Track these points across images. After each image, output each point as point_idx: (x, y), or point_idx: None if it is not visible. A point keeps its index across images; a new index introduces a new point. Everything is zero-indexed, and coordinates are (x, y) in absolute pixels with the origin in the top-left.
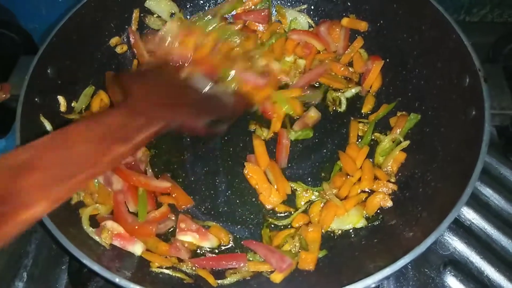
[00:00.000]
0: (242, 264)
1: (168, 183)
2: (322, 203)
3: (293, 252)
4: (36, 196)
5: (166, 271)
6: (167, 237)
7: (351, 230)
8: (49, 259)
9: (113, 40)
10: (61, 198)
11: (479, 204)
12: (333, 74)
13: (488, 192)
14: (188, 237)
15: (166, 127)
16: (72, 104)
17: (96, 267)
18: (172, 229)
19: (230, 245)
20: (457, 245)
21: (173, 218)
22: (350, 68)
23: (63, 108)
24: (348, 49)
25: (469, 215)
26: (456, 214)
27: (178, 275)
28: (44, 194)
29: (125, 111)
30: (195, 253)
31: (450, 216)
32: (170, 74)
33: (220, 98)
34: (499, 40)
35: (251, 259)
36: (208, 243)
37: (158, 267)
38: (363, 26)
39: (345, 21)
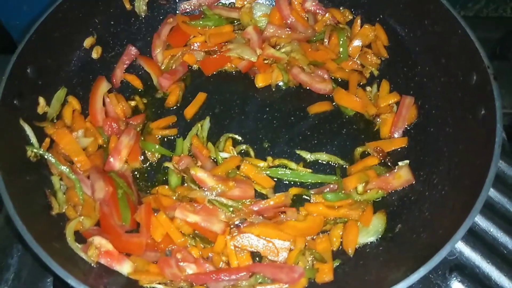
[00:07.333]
0: (245, 277)
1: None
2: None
3: (309, 268)
4: None
5: (159, 287)
6: None
7: None
8: (33, 272)
9: (88, 41)
10: None
11: (484, 206)
12: None
13: (493, 193)
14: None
15: None
16: (45, 109)
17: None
18: None
19: None
20: (463, 248)
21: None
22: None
23: (40, 110)
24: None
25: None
26: (471, 222)
27: None
28: None
29: None
30: None
31: (465, 225)
32: None
33: None
34: (507, 36)
35: (260, 281)
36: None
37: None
38: (382, 53)
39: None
